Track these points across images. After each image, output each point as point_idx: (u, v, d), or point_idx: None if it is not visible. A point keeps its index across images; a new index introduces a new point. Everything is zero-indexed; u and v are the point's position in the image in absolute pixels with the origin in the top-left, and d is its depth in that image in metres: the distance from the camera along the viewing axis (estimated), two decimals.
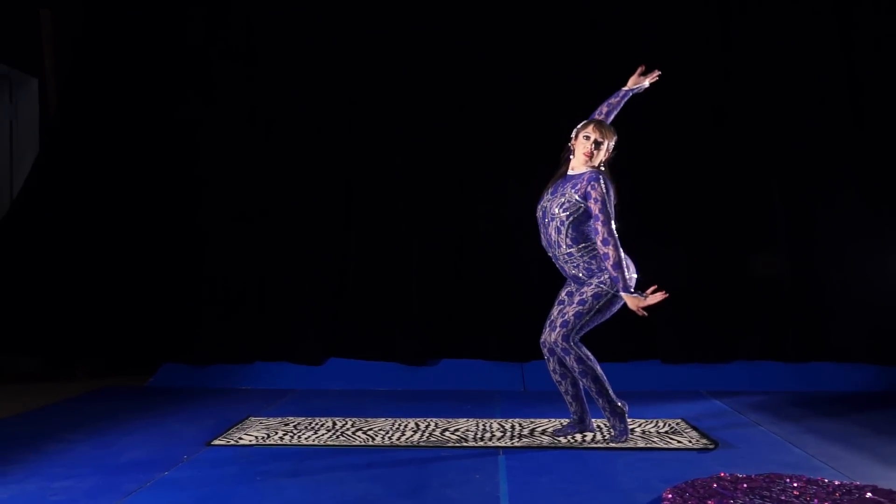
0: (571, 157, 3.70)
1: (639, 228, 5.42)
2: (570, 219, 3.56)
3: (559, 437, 3.75)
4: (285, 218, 5.60)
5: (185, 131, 5.67)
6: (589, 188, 3.53)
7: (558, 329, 3.58)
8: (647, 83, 3.85)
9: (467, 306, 5.48)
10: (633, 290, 3.49)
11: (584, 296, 3.58)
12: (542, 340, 3.71)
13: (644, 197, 5.42)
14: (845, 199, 5.36)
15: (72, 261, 5.51)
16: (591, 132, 3.62)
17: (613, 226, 3.52)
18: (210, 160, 5.65)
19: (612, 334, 5.41)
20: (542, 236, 3.70)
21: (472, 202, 5.50)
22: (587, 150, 3.61)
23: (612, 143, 3.66)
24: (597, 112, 3.81)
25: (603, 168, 3.63)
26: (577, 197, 3.55)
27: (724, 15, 5.51)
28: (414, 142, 5.57)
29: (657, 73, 3.80)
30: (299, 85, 5.64)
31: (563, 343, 3.56)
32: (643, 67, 3.77)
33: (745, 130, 5.44)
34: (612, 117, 3.83)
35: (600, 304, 3.57)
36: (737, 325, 5.38)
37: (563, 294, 3.73)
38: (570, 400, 3.76)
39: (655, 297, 3.39)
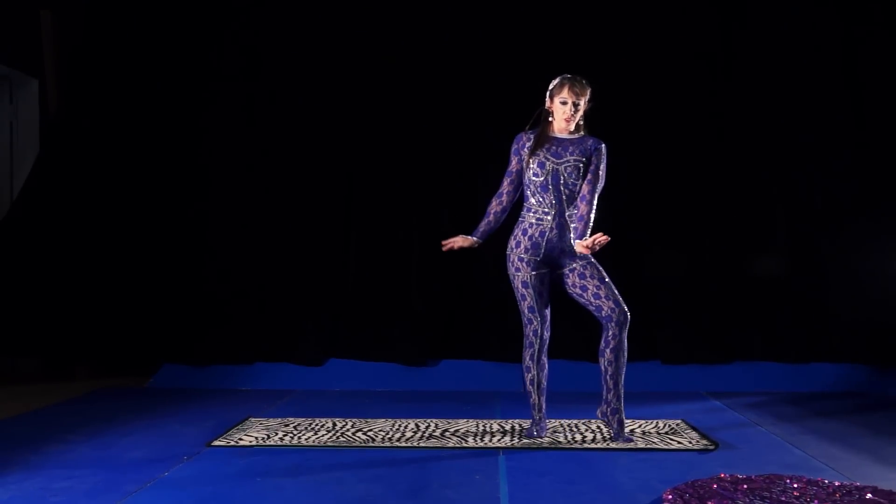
0: (551, 119, 3.72)
1: (639, 229, 5.44)
2: (582, 180, 3.65)
3: (538, 436, 3.73)
4: (285, 219, 5.60)
5: (186, 132, 5.67)
6: (600, 155, 3.67)
7: (621, 301, 3.60)
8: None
9: (467, 306, 5.48)
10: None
11: (598, 268, 3.65)
12: (542, 331, 3.69)
13: (645, 198, 5.43)
14: (845, 201, 5.36)
15: (72, 262, 5.51)
16: (568, 96, 3.65)
17: None
18: (210, 161, 5.65)
19: None
20: (548, 198, 3.66)
21: (473, 202, 5.49)
22: (567, 116, 3.66)
23: (588, 97, 3.69)
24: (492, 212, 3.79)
25: (581, 123, 3.72)
26: (584, 160, 3.65)
27: (726, 19, 5.51)
28: (414, 142, 5.56)
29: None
30: (299, 87, 5.64)
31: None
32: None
33: (746, 132, 5.44)
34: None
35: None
36: (736, 326, 5.38)
37: (536, 284, 3.67)
38: (538, 397, 3.74)
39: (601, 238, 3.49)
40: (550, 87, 3.72)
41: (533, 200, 3.71)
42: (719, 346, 5.38)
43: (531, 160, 3.68)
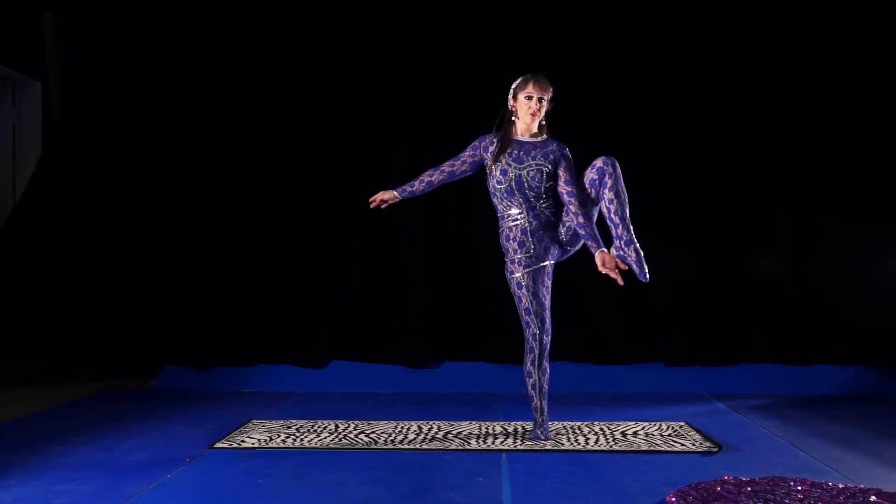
0: (515, 118, 3.73)
1: (641, 230, 5.42)
2: (549, 183, 3.67)
3: (541, 439, 3.72)
4: (288, 220, 5.60)
5: (188, 134, 5.67)
6: (568, 159, 3.70)
7: (598, 159, 3.62)
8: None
9: (470, 308, 5.48)
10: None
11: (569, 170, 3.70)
12: (542, 336, 3.67)
13: (648, 200, 5.40)
14: (848, 203, 5.34)
15: (75, 263, 5.51)
16: (533, 91, 3.68)
17: None
18: (212, 163, 5.65)
19: (616, 337, 5.43)
20: (515, 200, 3.68)
21: (475, 203, 5.49)
22: (533, 110, 3.68)
23: (550, 95, 3.72)
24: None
25: (544, 123, 3.75)
26: (549, 166, 3.67)
27: (731, 18, 5.50)
28: (416, 143, 5.56)
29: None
30: (301, 88, 5.64)
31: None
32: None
33: (749, 134, 5.43)
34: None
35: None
36: (740, 328, 5.36)
37: (530, 283, 3.65)
38: (541, 401, 3.72)
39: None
40: (513, 86, 3.75)
41: (501, 207, 3.76)
42: (723, 348, 5.37)
43: (494, 167, 3.72)
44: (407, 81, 5.60)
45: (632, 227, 3.62)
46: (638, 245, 3.62)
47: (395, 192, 3.89)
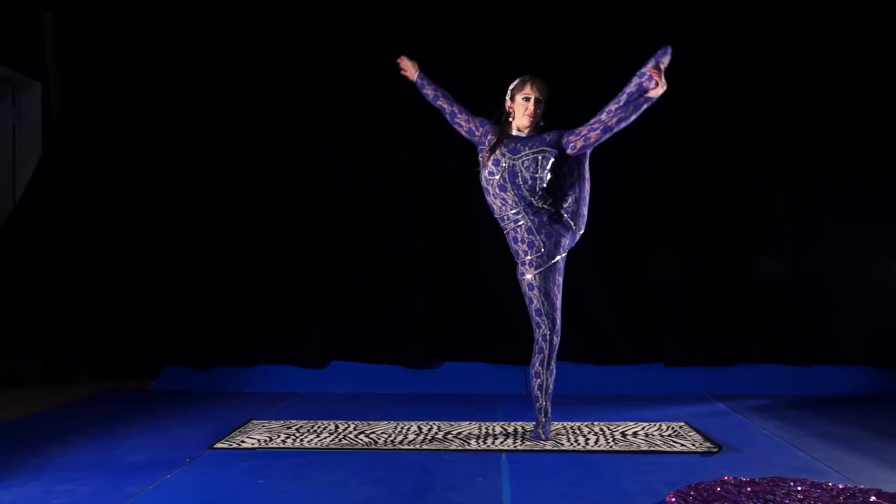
0: (511, 119, 3.76)
1: (641, 231, 5.43)
2: (543, 175, 3.68)
3: (542, 439, 3.72)
4: (288, 220, 5.60)
5: (188, 134, 5.67)
6: (557, 130, 3.71)
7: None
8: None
9: (470, 308, 5.48)
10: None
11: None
12: (552, 337, 3.67)
13: (647, 201, 5.42)
14: (847, 204, 5.34)
15: (74, 264, 5.52)
16: (530, 92, 3.71)
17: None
18: (212, 163, 5.65)
19: (616, 337, 5.43)
20: (510, 197, 3.68)
21: (475, 204, 5.49)
22: (530, 111, 3.71)
23: (547, 96, 3.75)
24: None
25: (542, 124, 3.77)
26: (551, 149, 3.67)
27: (729, 17, 5.50)
28: (416, 143, 5.56)
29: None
30: (302, 88, 5.64)
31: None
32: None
33: (748, 135, 5.43)
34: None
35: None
36: (739, 328, 5.36)
37: (541, 284, 3.66)
38: (546, 402, 3.72)
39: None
40: (511, 87, 3.77)
41: (497, 207, 3.75)
42: (722, 349, 5.36)
43: (488, 157, 3.72)
44: (407, 82, 5.58)
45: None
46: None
47: (417, 75, 3.98)
